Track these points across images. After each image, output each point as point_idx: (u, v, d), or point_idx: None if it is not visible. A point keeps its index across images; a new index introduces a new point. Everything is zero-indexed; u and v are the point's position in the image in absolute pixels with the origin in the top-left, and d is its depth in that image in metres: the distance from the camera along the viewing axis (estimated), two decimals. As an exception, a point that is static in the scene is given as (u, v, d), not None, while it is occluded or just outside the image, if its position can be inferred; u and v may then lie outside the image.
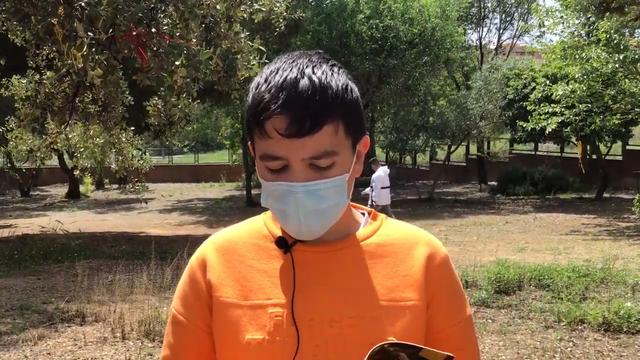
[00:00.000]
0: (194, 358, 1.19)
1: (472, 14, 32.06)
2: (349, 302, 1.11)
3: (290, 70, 1.05)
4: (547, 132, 15.90)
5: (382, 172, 12.45)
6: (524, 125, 16.25)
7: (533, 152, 26.98)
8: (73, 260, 9.84)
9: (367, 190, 12.71)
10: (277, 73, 1.06)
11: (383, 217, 1.25)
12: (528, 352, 5.13)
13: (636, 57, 12.91)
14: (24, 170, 28.63)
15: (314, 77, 1.04)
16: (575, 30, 14.67)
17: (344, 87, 1.07)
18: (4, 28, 5.95)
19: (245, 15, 6.01)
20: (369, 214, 1.25)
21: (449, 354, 0.94)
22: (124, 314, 6.10)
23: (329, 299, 1.11)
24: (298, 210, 1.06)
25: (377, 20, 21.70)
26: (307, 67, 1.06)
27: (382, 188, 12.36)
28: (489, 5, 32.95)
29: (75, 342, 5.63)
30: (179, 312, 1.20)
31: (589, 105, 14.46)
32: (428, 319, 1.15)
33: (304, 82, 1.03)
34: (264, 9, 6.20)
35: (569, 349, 5.26)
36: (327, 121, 1.03)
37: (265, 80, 1.06)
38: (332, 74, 1.07)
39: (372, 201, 12.21)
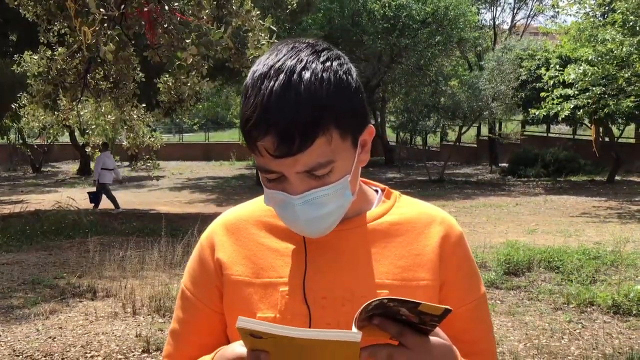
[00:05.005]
0: (200, 333, 1.21)
1: (486, -7, 31.62)
2: (360, 281, 1.11)
3: (276, 78, 0.98)
4: (560, 117, 15.72)
5: (103, 156, 14.98)
6: (536, 112, 16.07)
7: (545, 134, 26.73)
8: (84, 236, 9.91)
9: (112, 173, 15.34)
10: (262, 82, 0.99)
11: (397, 194, 1.23)
12: (536, 334, 5.13)
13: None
14: (35, 147, 28.77)
15: (301, 87, 0.97)
16: (590, 11, 14.46)
17: (335, 88, 0.99)
18: (15, 3, 5.93)
19: (257, -8, 5.95)
20: (382, 190, 1.24)
21: (446, 307, 0.93)
22: (135, 289, 6.17)
23: (341, 278, 1.11)
24: (299, 218, 1.05)
25: (389, -1, 21.44)
26: (294, 71, 0.98)
27: (103, 169, 14.97)
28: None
29: (87, 317, 5.69)
30: (188, 288, 1.23)
31: (603, 88, 14.28)
32: (442, 299, 1.14)
33: (290, 95, 0.97)
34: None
35: (577, 330, 5.26)
36: (317, 135, 0.98)
37: (253, 87, 1.00)
38: (322, 74, 0.99)
39: (96, 180, 15.31)
